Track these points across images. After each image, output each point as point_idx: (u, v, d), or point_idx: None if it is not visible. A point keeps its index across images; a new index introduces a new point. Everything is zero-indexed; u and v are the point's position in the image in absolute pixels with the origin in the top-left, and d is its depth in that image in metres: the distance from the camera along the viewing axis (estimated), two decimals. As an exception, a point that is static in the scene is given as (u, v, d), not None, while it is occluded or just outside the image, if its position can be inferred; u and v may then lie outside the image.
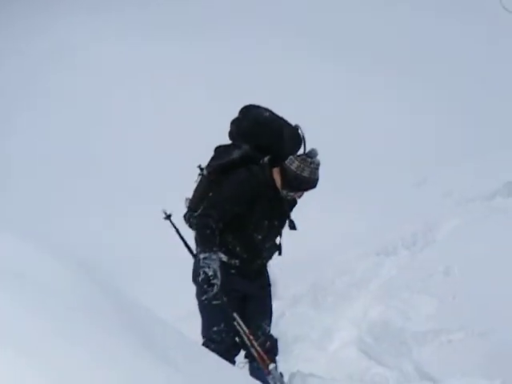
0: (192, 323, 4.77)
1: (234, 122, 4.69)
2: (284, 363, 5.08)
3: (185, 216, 4.63)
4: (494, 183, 8.00)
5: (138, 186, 8.70)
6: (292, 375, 4.91)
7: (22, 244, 3.14)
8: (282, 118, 4.68)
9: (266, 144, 4.56)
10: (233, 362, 4.54)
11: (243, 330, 4.50)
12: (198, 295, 4.53)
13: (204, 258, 4.32)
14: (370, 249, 6.79)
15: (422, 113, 10.51)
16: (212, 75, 10.47)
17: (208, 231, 4.38)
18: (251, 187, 4.47)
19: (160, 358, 2.68)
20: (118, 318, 2.85)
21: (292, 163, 4.49)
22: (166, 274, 5.06)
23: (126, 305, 3.15)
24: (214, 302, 4.43)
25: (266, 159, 4.54)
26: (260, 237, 4.56)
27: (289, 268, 6.07)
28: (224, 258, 4.51)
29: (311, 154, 4.55)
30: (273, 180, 4.53)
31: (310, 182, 4.53)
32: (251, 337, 4.51)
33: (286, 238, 4.89)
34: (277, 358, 4.74)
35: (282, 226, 4.66)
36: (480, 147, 9.32)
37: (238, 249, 4.55)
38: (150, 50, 10.96)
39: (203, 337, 4.60)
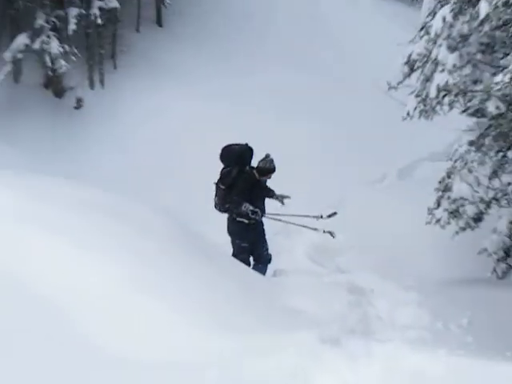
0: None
1: (222, 156, 8.62)
2: (272, 264, 8.90)
3: (220, 209, 8.70)
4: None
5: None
6: (277, 270, 8.97)
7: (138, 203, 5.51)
8: (239, 144, 8.50)
9: (236, 161, 8.48)
10: (248, 264, 8.55)
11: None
12: (234, 239, 8.66)
13: (246, 208, 8.39)
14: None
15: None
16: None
17: (242, 207, 8.49)
18: (250, 180, 8.62)
19: (211, 260, 5.16)
20: (192, 245, 5.17)
21: (260, 164, 8.55)
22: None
23: (197, 238, 5.77)
24: (243, 245, 8.67)
25: (247, 167, 8.52)
26: (257, 202, 8.59)
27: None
28: (245, 221, 8.56)
29: (267, 157, 8.56)
30: (255, 175, 8.51)
31: (272, 169, 8.51)
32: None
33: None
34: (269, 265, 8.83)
35: (264, 195, 8.70)
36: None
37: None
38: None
39: (233, 255, 8.52)
